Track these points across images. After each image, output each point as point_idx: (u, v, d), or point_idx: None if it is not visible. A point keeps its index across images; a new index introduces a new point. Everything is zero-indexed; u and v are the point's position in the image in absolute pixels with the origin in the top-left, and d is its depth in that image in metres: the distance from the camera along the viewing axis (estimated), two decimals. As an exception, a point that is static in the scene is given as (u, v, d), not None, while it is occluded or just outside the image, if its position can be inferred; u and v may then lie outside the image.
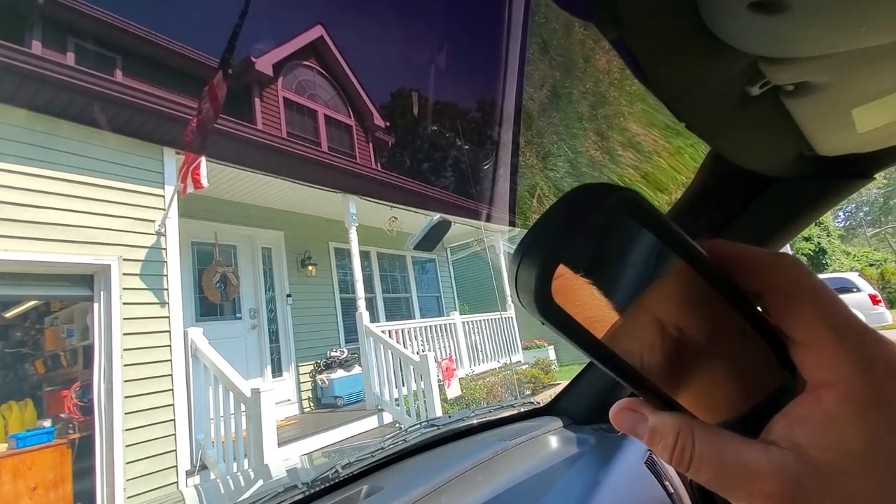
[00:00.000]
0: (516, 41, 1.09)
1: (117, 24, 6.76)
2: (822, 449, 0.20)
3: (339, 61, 9.27)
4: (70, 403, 4.43)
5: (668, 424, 0.22)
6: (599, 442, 1.06)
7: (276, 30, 8.09)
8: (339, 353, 6.40)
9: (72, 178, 3.70)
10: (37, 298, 5.21)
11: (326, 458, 1.17)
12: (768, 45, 0.32)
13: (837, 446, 0.20)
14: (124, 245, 3.89)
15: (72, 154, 3.74)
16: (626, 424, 0.23)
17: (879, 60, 0.35)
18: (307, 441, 4.56)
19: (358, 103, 9.70)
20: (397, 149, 27.64)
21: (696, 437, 0.21)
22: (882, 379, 0.20)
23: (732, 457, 0.21)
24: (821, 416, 0.20)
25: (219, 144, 4.48)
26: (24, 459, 3.74)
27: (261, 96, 7.83)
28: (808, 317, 0.21)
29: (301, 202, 6.34)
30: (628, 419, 0.23)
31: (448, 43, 0.58)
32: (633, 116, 0.47)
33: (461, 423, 1.10)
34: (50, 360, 5.51)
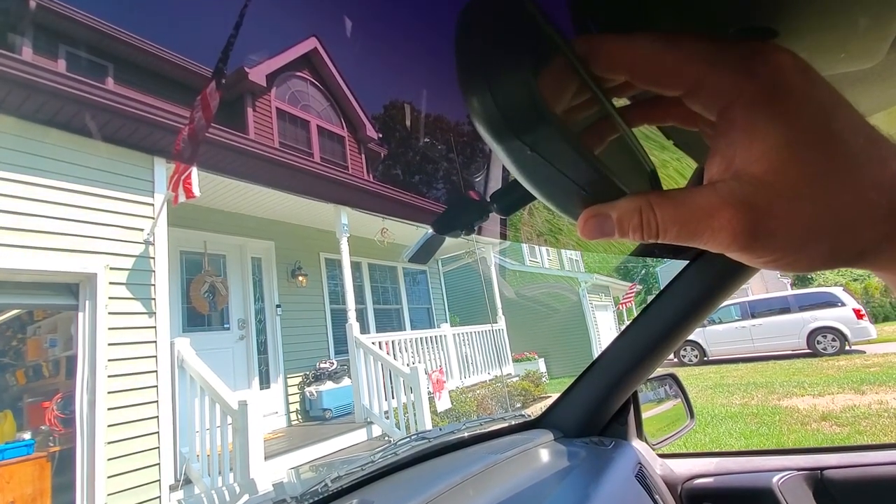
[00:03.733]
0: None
1: (109, 31, 6.75)
2: (754, 161, 0.21)
3: (333, 73, 9.32)
4: (51, 415, 4.33)
5: (627, 208, 0.23)
6: (590, 455, 1.06)
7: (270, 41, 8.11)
8: (329, 365, 6.34)
9: (59, 185, 3.66)
10: (19, 307, 5.11)
11: (314, 471, 1.16)
12: (754, 69, 0.33)
13: (764, 152, 0.20)
14: (111, 254, 3.84)
15: (60, 161, 3.71)
16: (596, 230, 0.24)
17: (859, 84, 0.37)
18: (295, 454, 4.49)
19: (351, 114, 9.73)
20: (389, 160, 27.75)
21: (654, 206, 0.22)
22: (771, 72, 0.21)
23: (688, 207, 0.22)
24: (739, 135, 0.21)
25: (211, 154, 4.46)
26: (1, 473, 3.64)
27: (253, 106, 7.83)
28: (675, 70, 0.22)
29: (292, 212, 6.33)
30: (594, 224, 0.23)
31: (441, 55, 0.59)
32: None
33: (452, 436, 1.10)
34: (31, 371, 5.40)
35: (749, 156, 0.21)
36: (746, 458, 1.22)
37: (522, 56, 0.19)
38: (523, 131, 0.19)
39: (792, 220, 0.21)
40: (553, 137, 0.20)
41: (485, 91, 0.19)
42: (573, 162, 0.21)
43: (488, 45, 0.19)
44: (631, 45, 0.23)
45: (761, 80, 0.21)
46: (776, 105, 0.20)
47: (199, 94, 3.57)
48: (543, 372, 10.43)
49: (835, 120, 0.20)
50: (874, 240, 0.21)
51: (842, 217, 0.20)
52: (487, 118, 0.19)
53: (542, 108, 0.19)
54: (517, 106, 0.19)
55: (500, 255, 14.51)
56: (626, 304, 15.92)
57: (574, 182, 0.22)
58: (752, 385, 7.81)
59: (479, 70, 0.19)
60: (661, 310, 1.07)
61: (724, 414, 5.95)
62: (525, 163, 0.21)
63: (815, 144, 0.20)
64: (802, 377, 7.91)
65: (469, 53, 0.19)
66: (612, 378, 1.15)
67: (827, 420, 5.09)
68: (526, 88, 0.19)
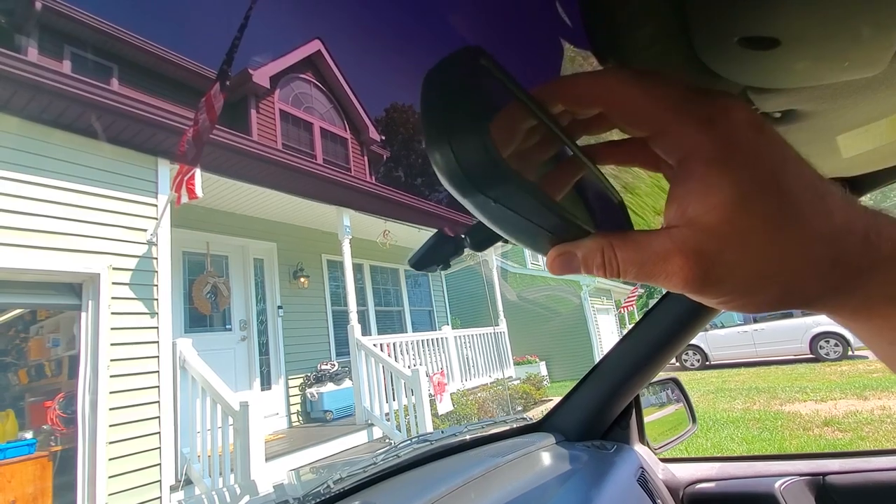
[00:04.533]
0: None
1: (114, 33, 6.79)
2: (707, 212, 0.22)
3: (336, 75, 9.35)
4: (53, 415, 4.34)
5: (591, 248, 0.24)
6: (592, 459, 1.05)
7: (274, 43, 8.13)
8: (330, 367, 6.34)
9: (63, 185, 3.68)
10: (23, 307, 5.13)
11: (315, 473, 1.16)
12: (757, 77, 0.33)
13: (716, 205, 0.22)
14: (114, 254, 3.86)
15: (64, 161, 3.73)
16: (564, 268, 0.25)
17: (862, 91, 0.37)
18: (295, 456, 4.49)
19: (354, 117, 9.76)
20: (392, 162, 27.78)
21: (614, 247, 0.24)
22: (727, 130, 0.22)
23: (645, 251, 0.23)
24: (695, 186, 0.22)
25: (214, 155, 4.48)
26: (3, 472, 3.65)
27: (257, 108, 7.86)
28: (643, 112, 0.24)
29: (295, 214, 6.34)
30: (562, 263, 0.25)
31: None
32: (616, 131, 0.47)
33: (453, 439, 1.10)
34: (34, 370, 5.41)
35: (702, 206, 0.22)
36: (749, 464, 1.22)
37: (481, 115, 0.20)
38: (487, 187, 0.20)
39: (740, 268, 0.22)
40: (516, 191, 0.21)
41: (446, 149, 0.20)
42: (537, 210, 0.22)
43: (448, 105, 0.20)
44: (605, 80, 0.25)
45: (718, 134, 0.22)
46: (729, 161, 0.22)
47: (203, 96, 3.58)
48: (545, 375, 10.40)
49: (784, 175, 0.22)
50: (819, 288, 0.22)
51: (788, 266, 0.22)
52: (450, 174, 0.20)
53: (501, 166, 0.20)
54: (477, 164, 0.20)
55: (501, 257, 14.51)
56: (628, 308, 15.90)
57: (539, 227, 0.23)
58: (754, 390, 7.78)
59: (440, 129, 0.20)
60: (663, 314, 1.07)
61: (725, 419, 5.93)
62: (492, 213, 0.22)
63: (763, 198, 0.21)
64: (805, 382, 7.88)
65: (431, 111, 0.20)
66: (614, 382, 1.15)
67: (829, 425, 5.07)
68: (486, 148, 0.19)
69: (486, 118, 0.20)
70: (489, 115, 0.21)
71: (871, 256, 0.22)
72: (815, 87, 0.36)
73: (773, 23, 0.26)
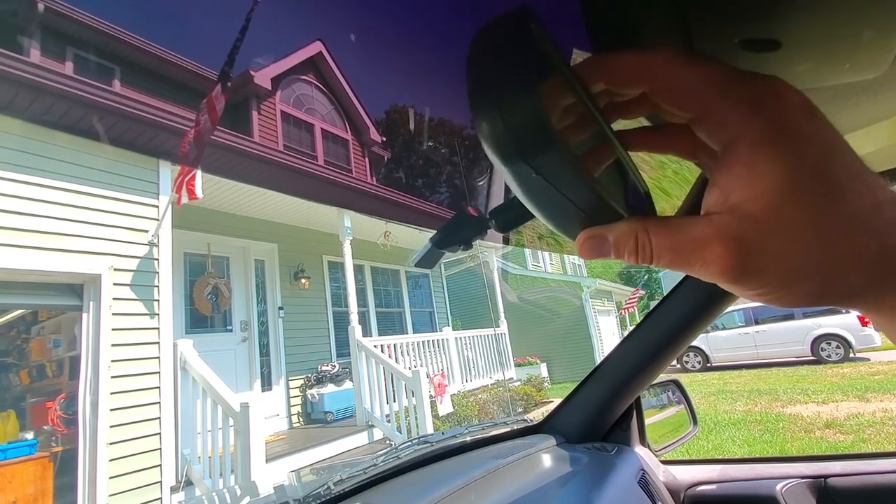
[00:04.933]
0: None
1: (117, 34, 6.80)
2: (751, 199, 0.21)
3: (338, 76, 9.36)
4: (54, 415, 4.34)
5: (624, 231, 0.23)
6: (593, 461, 1.05)
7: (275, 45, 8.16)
8: (331, 368, 6.34)
9: (65, 186, 3.68)
10: (24, 307, 5.14)
11: (316, 475, 1.16)
12: (758, 79, 0.33)
13: (763, 191, 0.21)
14: (116, 255, 3.86)
15: (66, 163, 3.73)
16: (594, 251, 0.24)
17: (863, 93, 0.37)
18: (296, 457, 4.49)
19: (355, 118, 9.77)
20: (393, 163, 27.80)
21: (649, 232, 0.23)
22: (778, 114, 0.21)
23: (682, 236, 0.22)
24: (741, 171, 0.21)
25: (215, 156, 4.49)
26: (3, 473, 3.65)
27: (258, 109, 7.87)
28: (689, 93, 0.23)
29: (296, 215, 6.34)
30: (593, 246, 0.24)
31: (444, 59, 0.59)
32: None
33: (454, 441, 1.10)
34: (35, 371, 5.42)
35: (747, 193, 0.21)
36: (750, 466, 1.22)
37: (532, 80, 0.19)
38: (531, 155, 0.19)
39: (782, 259, 0.21)
40: (558, 162, 0.20)
41: (495, 115, 0.19)
42: (576, 186, 0.21)
43: (499, 69, 0.19)
44: (651, 59, 0.24)
45: (768, 118, 0.21)
46: (780, 146, 0.21)
47: (204, 97, 3.59)
48: (545, 377, 10.39)
49: (835, 165, 0.21)
50: (861, 283, 0.22)
51: (831, 259, 0.21)
52: (496, 141, 0.19)
53: (550, 133, 0.19)
54: (527, 130, 0.19)
55: (502, 259, 14.51)
56: (629, 309, 15.88)
57: (575, 205, 0.23)
58: (755, 392, 7.77)
59: (490, 93, 0.19)
60: (664, 315, 1.07)
61: (727, 421, 5.92)
62: (530, 185, 0.21)
63: (813, 188, 0.21)
64: (806, 384, 7.87)
65: (480, 76, 0.20)
66: (614, 384, 1.15)
67: (831, 428, 5.06)
68: (536, 113, 0.19)
69: (536, 82, 0.19)
70: (540, 79, 0.20)
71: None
72: (816, 89, 0.36)
73: (775, 25, 0.26)
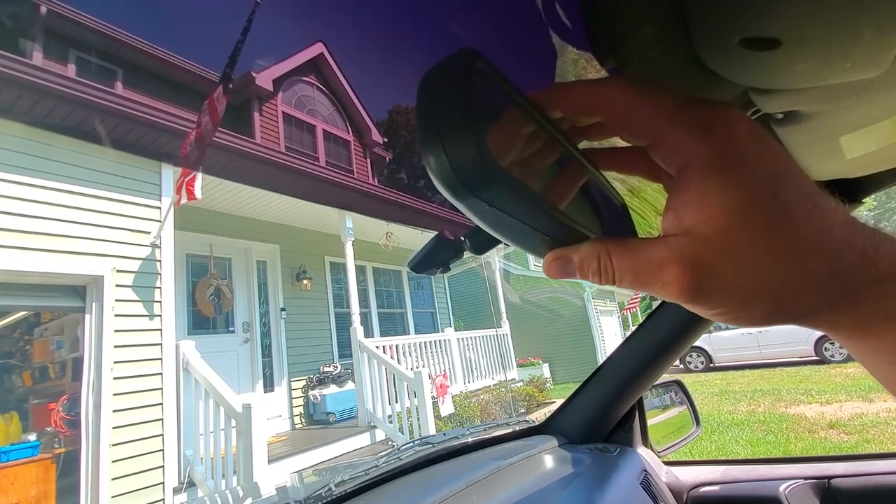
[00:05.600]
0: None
1: (118, 36, 6.83)
2: (703, 222, 0.22)
3: (339, 78, 9.38)
4: (57, 417, 4.35)
5: (587, 253, 0.24)
6: (595, 462, 1.05)
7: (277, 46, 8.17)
8: (333, 369, 6.35)
9: (68, 188, 3.70)
10: (27, 309, 5.15)
11: (318, 476, 1.16)
12: (759, 78, 0.33)
13: (714, 214, 0.21)
14: (118, 256, 3.87)
15: (68, 164, 3.74)
16: (559, 272, 0.25)
17: (865, 92, 0.37)
18: (298, 458, 4.49)
19: (356, 119, 9.78)
20: (394, 164, 27.83)
21: (611, 253, 0.24)
22: (726, 139, 0.22)
23: (641, 258, 0.23)
24: (693, 195, 0.22)
25: (217, 157, 4.49)
26: (6, 474, 3.66)
27: (260, 111, 7.89)
28: (642, 121, 0.24)
29: (297, 216, 6.35)
30: (559, 267, 0.25)
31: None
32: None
33: (456, 442, 1.10)
34: (38, 372, 5.43)
35: (700, 216, 0.22)
36: (753, 467, 1.21)
37: (474, 117, 0.20)
38: (478, 190, 0.20)
39: (735, 280, 0.22)
40: (509, 194, 0.21)
41: (439, 150, 0.19)
42: (533, 213, 0.22)
43: (441, 106, 0.20)
44: (605, 90, 0.25)
45: (718, 143, 0.22)
46: (728, 170, 0.22)
47: (206, 99, 3.60)
48: (548, 377, 10.38)
49: (784, 188, 0.22)
50: (814, 304, 0.22)
51: (783, 280, 0.22)
52: (443, 177, 0.20)
53: (494, 168, 0.20)
54: (470, 166, 0.19)
55: (504, 259, 14.50)
56: (631, 310, 15.85)
57: (535, 230, 0.23)
58: (758, 392, 7.75)
59: (433, 130, 0.20)
60: (667, 316, 1.07)
61: (730, 421, 5.90)
62: (486, 216, 0.22)
63: (761, 210, 0.21)
64: (810, 384, 7.84)
65: (426, 114, 0.20)
66: (617, 384, 1.15)
67: (835, 428, 5.04)
68: (477, 149, 0.19)
69: (479, 120, 0.20)
70: (483, 118, 0.20)
71: (868, 273, 0.21)
72: (817, 87, 0.36)
73: (775, 23, 0.26)
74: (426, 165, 0.20)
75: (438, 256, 0.38)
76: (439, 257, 0.38)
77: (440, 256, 0.38)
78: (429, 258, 0.38)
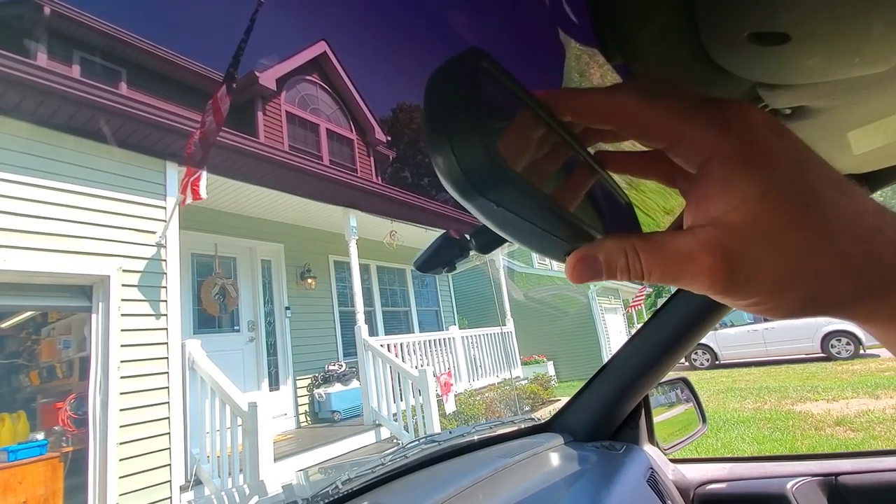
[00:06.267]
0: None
1: (122, 37, 6.85)
2: (732, 210, 0.22)
3: (342, 76, 9.38)
4: (64, 416, 4.38)
5: (612, 250, 0.24)
6: (601, 460, 1.05)
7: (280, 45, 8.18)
8: (337, 367, 6.36)
9: (73, 188, 3.72)
10: (35, 309, 5.18)
11: (323, 474, 1.16)
12: (767, 73, 0.33)
13: (740, 202, 0.21)
14: (124, 256, 3.89)
15: (74, 165, 3.76)
16: (585, 273, 0.24)
17: (873, 87, 0.37)
18: (304, 456, 4.51)
19: (359, 118, 9.78)
20: (398, 163, 27.86)
21: (637, 249, 0.23)
22: (745, 131, 0.22)
23: (669, 251, 0.23)
24: (717, 186, 0.22)
25: (221, 157, 4.51)
26: (14, 473, 3.68)
27: (264, 110, 7.90)
28: (658, 126, 0.24)
29: (301, 215, 6.36)
30: (584, 268, 0.24)
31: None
32: None
33: (461, 440, 1.10)
34: (45, 372, 5.47)
35: (726, 205, 0.22)
36: (760, 464, 1.21)
37: (482, 117, 0.20)
38: (487, 190, 0.20)
39: (768, 268, 0.21)
40: (517, 194, 0.20)
41: (447, 150, 0.19)
42: (540, 213, 0.22)
43: (448, 107, 0.20)
44: (615, 98, 0.24)
45: (738, 136, 0.22)
46: (751, 160, 0.22)
47: (210, 99, 3.61)
48: (552, 375, 10.37)
49: (809, 175, 0.21)
50: (852, 291, 0.22)
51: (817, 267, 0.21)
52: (452, 177, 0.20)
53: (503, 168, 0.19)
54: (479, 166, 0.19)
55: (508, 257, 14.48)
56: (636, 307, 15.80)
57: (543, 229, 0.23)
58: (764, 389, 7.72)
59: (441, 131, 0.20)
60: (673, 313, 1.07)
61: (736, 419, 5.88)
62: (494, 216, 0.22)
63: (789, 196, 0.21)
64: (816, 381, 7.80)
65: (434, 114, 0.20)
66: (623, 382, 1.15)
67: (841, 425, 5.02)
68: (485, 149, 0.19)
69: (487, 120, 0.20)
70: (491, 118, 0.20)
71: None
72: (825, 83, 0.36)
73: (784, 18, 0.26)
74: (434, 165, 0.20)
75: (444, 255, 0.38)
76: (445, 256, 0.38)
77: (446, 255, 0.38)
78: (435, 257, 0.38)
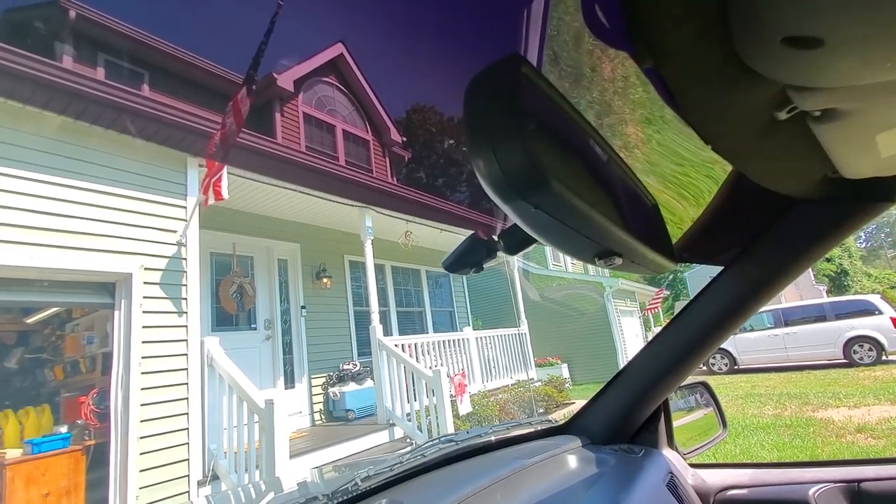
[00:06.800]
0: (533, 54, 1.12)
1: (145, 40, 6.99)
2: None
3: (359, 78, 9.45)
4: (87, 410, 4.48)
5: None
6: (620, 463, 1.04)
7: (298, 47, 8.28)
8: (352, 367, 6.40)
9: (98, 188, 3.80)
10: (59, 305, 5.31)
11: (337, 472, 1.17)
12: (798, 76, 0.33)
13: None
14: (146, 254, 3.97)
15: (99, 165, 3.85)
16: None
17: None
18: (318, 454, 4.55)
19: (376, 119, 9.84)
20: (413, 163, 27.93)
21: None
22: None
23: None
24: None
25: (240, 157, 4.57)
26: (38, 465, 3.77)
27: (281, 111, 7.99)
28: None
29: (318, 215, 6.43)
30: None
31: (463, 60, 0.58)
32: (634, 122, 0.47)
33: (479, 440, 1.10)
34: (69, 367, 5.60)
35: None
36: (782, 470, 1.19)
37: (523, 122, 0.20)
38: (527, 193, 0.20)
39: None
40: (556, 198, 0.21)
41: (489, 155, 0.20)
42: (576, 217, 0.22)
43: (491, 112, 0.20)
44: None
45: None
46: None
47: (230, 100, 3.67)
48: (567, 377, 10.30)
49: None
50: None
51: None
52: (493, 181, 0.20)
53: (543, 173, 0.20)
54: (520, 170, 0.20)
55: (523, 258, 14.42)
56: (653, 310, 15.62)
57: (577, 231, 0.23)
58: (784, 395, 7.57)
59: (484, 135, 0.20)
60: (693, 316, 1.06)
61: (755, 425, 5.78)
62: (532, 219, 0.22)
63: None
64: (838, 388, 7.63)
65: (475, 118, 0.21)
66: (642, 385, 1.14)
67: (863, 432, 4.90)
68: (527, 154, 0.20)
69: (527, 125, 0.20)
70: (531, 122, 0.21)
71: None
72: (855, 86, 0.35)
73: (820, 23, 0.26)
74: (475, 168, 0.21)
75: (472, 257, 0.38)
76: (473, 257, 0.38)
77: (474, 256, 0.38)
78: (463, 258, 0.39)
